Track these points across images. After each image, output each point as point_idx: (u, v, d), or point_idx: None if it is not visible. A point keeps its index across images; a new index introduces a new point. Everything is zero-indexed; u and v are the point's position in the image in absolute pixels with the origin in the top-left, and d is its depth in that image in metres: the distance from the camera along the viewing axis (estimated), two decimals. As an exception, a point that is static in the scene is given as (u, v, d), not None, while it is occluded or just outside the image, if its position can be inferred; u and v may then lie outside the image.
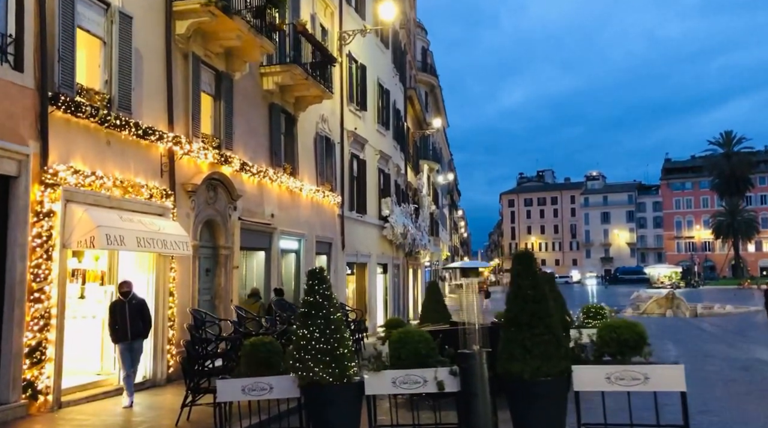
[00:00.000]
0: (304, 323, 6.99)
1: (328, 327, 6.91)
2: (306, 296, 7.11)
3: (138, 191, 10.56)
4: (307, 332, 6.90)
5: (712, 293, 52.82)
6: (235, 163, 13.82)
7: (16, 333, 8.18)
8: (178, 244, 10.72)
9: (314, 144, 18.75)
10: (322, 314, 6.95)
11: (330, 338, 6.86)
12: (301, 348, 6.89)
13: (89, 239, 8.89)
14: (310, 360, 6.79)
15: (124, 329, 9.08)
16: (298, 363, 6.88)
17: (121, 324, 9.07)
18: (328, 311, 6.99)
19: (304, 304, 7.08)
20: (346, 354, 6.92)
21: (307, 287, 7.18)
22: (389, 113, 27.22)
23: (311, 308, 6.99)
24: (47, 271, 8.61)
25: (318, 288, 7.07)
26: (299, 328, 7.01)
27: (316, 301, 7.00)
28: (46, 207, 8.64)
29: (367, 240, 23.79)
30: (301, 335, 6.94)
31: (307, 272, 7.28)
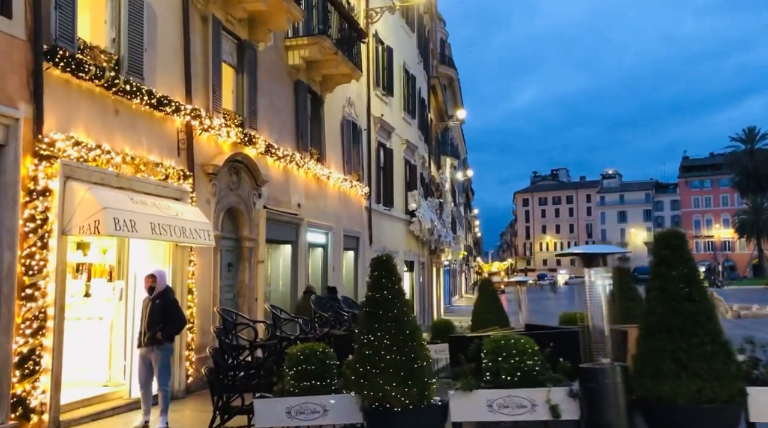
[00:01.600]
0: (368, 326, 5.37)
1: (402, 332, 5.28)
2: (370, 292, 5.49)
3: (152, 171, 8.98)
4: (373, 338, 5.28)
5: (739, 293, 50.61)
6: (260, 144, 12.22)
7: (3, 338, 6.61)
8: (199, 232, 9.13)
9: (341, 129, 17.15)
10: (392, 316, 5.32)
11: (404, 346, 5.24)
12: (366, 360, 5.28)
13: (93, 223, 7.31)
14: (379, 375, 5.18)
15: (140, 332, 7.51)
16: (362, 379, 5.27)
17: (141, 325, 7.55)
18: (400, 312, 5.36)
19: (368, 302, 5.47)
20: (425, 368, 5.30)
21: (370, 280, 5.56)
22: (415, 101, 25.59)
23: (378, 308, 5.37)
24: (42, 262, 7.04)
25: (386, 282, 5.45)
26: (362, 333, 5.39)
27: (383, 298, 5.39)
28: (40, 184, 7.06)
29: (394, 236, 22.17)
30: (365, 342, 5.32)
31: (372, 261, 5.66)
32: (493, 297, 11.30)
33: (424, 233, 24.51)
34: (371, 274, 5.55)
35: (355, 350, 5.43)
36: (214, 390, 6.29)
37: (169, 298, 7.62)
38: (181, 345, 9.44)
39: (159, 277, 7.67)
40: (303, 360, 5.53)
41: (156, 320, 7.37)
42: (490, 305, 11.07)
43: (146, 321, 7.50)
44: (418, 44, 27.22)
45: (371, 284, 5.50)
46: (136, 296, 8.68)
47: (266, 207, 12.49)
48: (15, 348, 6.75)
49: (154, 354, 7.49)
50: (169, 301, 7.57)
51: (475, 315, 11.19)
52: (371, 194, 19.25)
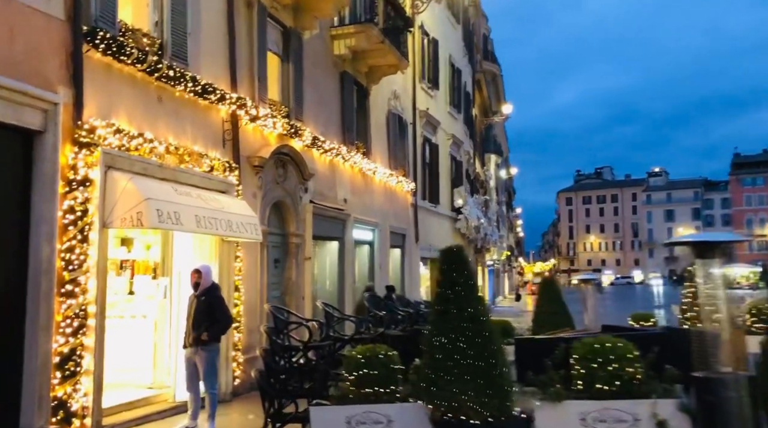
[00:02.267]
0: (439, 327, 4.73)
1: (478, 333, 4.62)
2: (440, 288, 4.85)
3: (196, 161, 8.53)
4: (445, 340, 4.64)
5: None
6: (306, 136, 11.71)
7: (42, 337, 6.19)
8: (246, 227, 8.63)
9: (386, 123, 16.56)
10: (467, 315, 4.67)
11: (482, 350, 4.58)
12: (437, 365, 4.63)
13: (136, 215, 6.86)
14: (452, 382, 4.53)
15: (186, 332, 7.06)
16: (433, 386, 4.63)
17: (186, 325, 7.10)
18: (476, 310, 4.71)
19: (439, 300, 4.83)
20: (505, 375, 4.63)
21: (440, 274, 4.93)
22: (461, 95, 24.83)
23: (450, 306, 4.72)
24: (83, 257, 6.61)
25: (458, 276, 4.80)
26: (433, 335, 4.75)
27: (456, 294, 4.74)
28: (80, 174, 6.64)
29: (440, 233, 21.46)
30: (436, 344, 4.68)
31: (441, 253, 5.02)
32: (557, 297, 10.50)
33: (470, 231, 23.74)
34: (440, 268, 4.92)
35: (424, 353, 4.80)
36: (265, 395, 5.73)
37: (215, 295, 7.12)
38: (227, 345, 8.96)
39: (204, 272, 7.18)
40: (364, 363, 4.92)
41: (201, 318, 6.88)
42: (553, 305, 10.27)
43: (191, 320, 7.04)
44: (463, 37, 26.46)
45: (441, 279, 4.86)
46: (181, 293, 8.23)
47: (313, 202, 11.97)
48: (55, 347, 6.33)
49: (200, 355, 7.00)
50: (214, 298, 7.07)
51: (538, 316, 10.40)
52: (417, 190, 18.60)
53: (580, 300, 11.42)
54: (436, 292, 4.87)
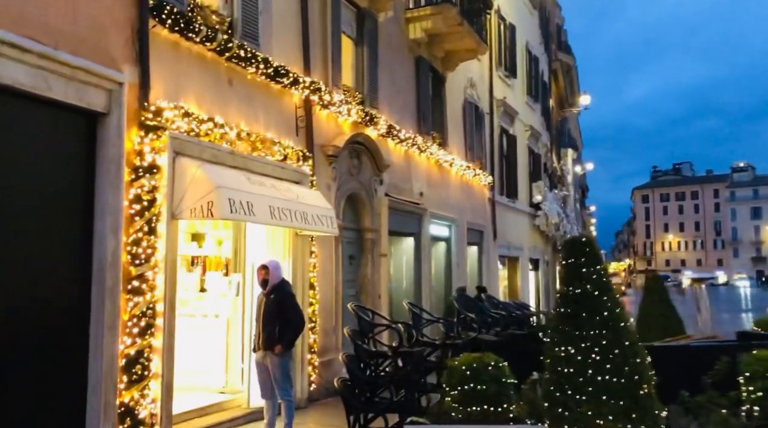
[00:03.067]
0: (565, 335, 3.84)
1: (617, 342, 3.71)
2: (566, 286, 3.96)
3: (269, 149, 7.92)
4: (574, 351, 3.75)
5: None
6: (381, 125, 10.98)
7: (108, 338, 5.68)
8: (322, 219, 7.96)
9: (462, 112, 15.64)
10: (601, 320, 3.76)
11: (622, 364, 3.66)
12: (564, 381, 3.75)
13: (206, 205, 6.27)
14: (585, 403, 3.63)
15: (255, 334, 6.46)
16: (559, 408, 3.74)
17: (255, 326, 6.53)
18: (613, 314, 3.79)
19: (564, 301, 3.94)
20: (653, 396, 3.69)
21: (564, 269, 4.04)
22: (538, 85, 23.56)
23: (578, 309, 3.83)
24: (150, 250, 6.08)
25: (587, 272, 3.89)
26: (557, 344, 3.87)
27: (586, 294, 3.84)
28: (147, 160, 6.11)
29: (518, 230, 20.33)
30: (562, 356, 3.79)
31: (565, 243, 4.14)
32: (664, 298, 9.35)
33: (549, 228, 22.46)
34: (565, 261, 4.02)
35: (547, 366, 3.92)
36: (349, 407, 4.99)
37: (286, 292, 6.48)
38: (302, 348, 8.32)
39: (272, 268, 6.52)
40: (470, 376, 4.09)
41: (271, 318, 6.26)
42: (661, 307, 9.14)
43: (261, 320, 6.39)
44: (540, 24, 25.15)
45: (566, 274, 3.97)
46: (255, 291, 7.64)
47: (388, 195, 11.23)
48: (121, 349, 5.81)
49: (271, 359, 6.35)
50: (285, 295, 6.43)
51: (642, 319, 9.29)
52: (494, 184, 17.57)
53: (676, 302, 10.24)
54: (560, 292, 3.97)
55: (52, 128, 5.48)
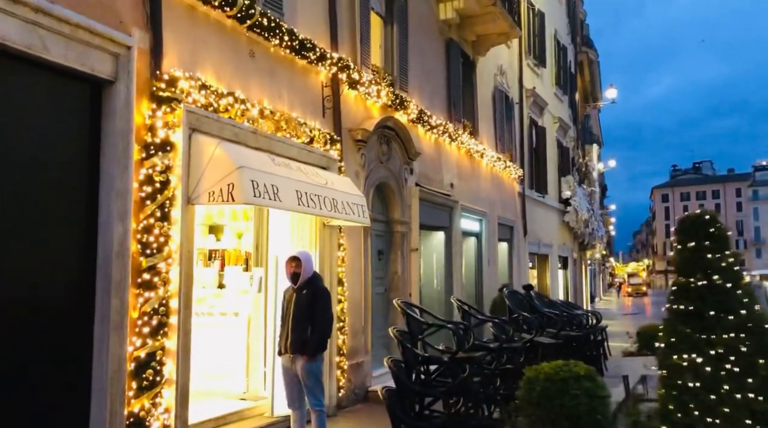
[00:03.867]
0: (686, 338, 3.01)
1: (761, 348, 2.87)
2: (683, 277, 3.13)
3: (294, 130, 7.15)
4: (702, 359, 2.92)
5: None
6: (411, 109, 10.18)
7: (115, 338, 4.93)
8: (353, 208, 7.18)
9: (492, 101, 14.79)
10: (736, 321, 2.93)
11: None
12: (688, 397, 2.92)
13: (227, 188, 5.51)
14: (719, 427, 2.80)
15: (282, 335, 5.71)
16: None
17: (282, 325, 5.75)
18: (751, 313, 2.96)
19: (680, 295, 3.12)
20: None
21: (680, 255, 3.22)
22: (566, 75, 22.64)
23: (703, 305, 3.00)
24: (163, 239, 5.33)
25: (714, 258, 3.07)
26: (673, 350, 3.05)
27: (713, 287, 3.01)
28: (159, 136, 5.36)
29: (548, 227, 19.43)
30: (684, 366, 2.97)
31: (681, 221, 3.31)
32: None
33: (579, 225, 21.52)
34: (680, 245, 3.20)
35: (661, 380, 3.10)
36: (396, 421, 4.19)
37: (319, 287, 5.73)
38: (330, 350, 7.54)
39: (304, 260, 5.73)
40: (556, 390, 3.27)
41: (303, 317, 5.51)
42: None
43: (290, 319, 5.62)
44: (567, 13, 24.22)
45: (683, 262, 3.15)
46: (279, 286, 6.87)
47: (419, 185, 10.42)
48: (130, 351, 5.07)
49: (301, 363, 5.57)
50: (318, 290, 5.68)
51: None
52: (524, 177, 16.71)
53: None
54: (675, 283, 3.15)
55: (49, 96, 4.75)
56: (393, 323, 9.72)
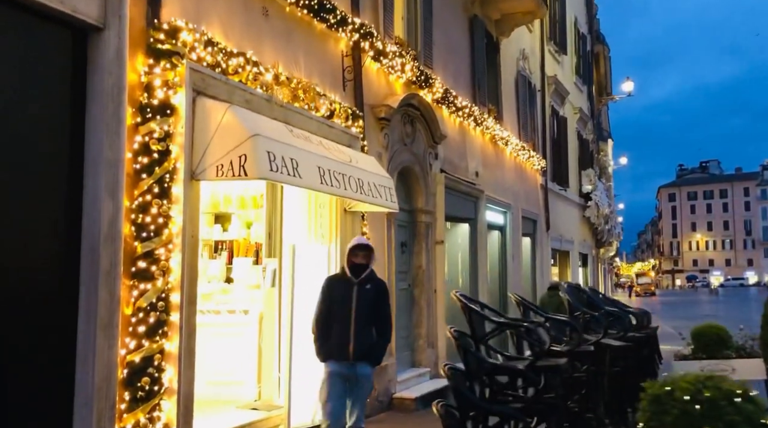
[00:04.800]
0: None
1: None
2: None
3: (313, 101, 6.26)
4: None
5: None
6: (437, 88, 9.28)
7: (103, 339, 4.04)
8: (380, 190, 6.29)
9: (515, 86, 13.88)
10: None
11: None
12: None
13: (238, 160, 4.61)
14: None
15: (341, 336, 4.67)
16: None
17: (340, 325, 4.69)
18: None
19: None
20: None
21: None
22: (586, 65, 21.71)
23: None
24: (162, 220, 4.43)
25: None
26: None
27: None
28: (157, 96, 4.47)
29: (569, 222, 18.51)
30: None
31: None
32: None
33: (599, 221, 20.58)
34: None
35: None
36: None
37: (381, 281, 4.96)
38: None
39: (370, 248, 4.91)
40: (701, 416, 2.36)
41: (371, 317, 4.64)
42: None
43: (353, 319, 4.65)
44: (585, 2, 23.28)
45: None
46: (297, 280, 5.97)
47: (444, 172, 9.52)
48: (123, 355, 4.18)
49: (364, 372, 4.67)
50: (381, 286, 4.91)
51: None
52: (547, 169, 15.80)
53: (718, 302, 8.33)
54: None
55: (22, 42, 3.86)
56: (418, 322, 8.84)
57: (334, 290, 4.78)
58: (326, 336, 4.71)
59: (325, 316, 4.72)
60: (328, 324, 4.70)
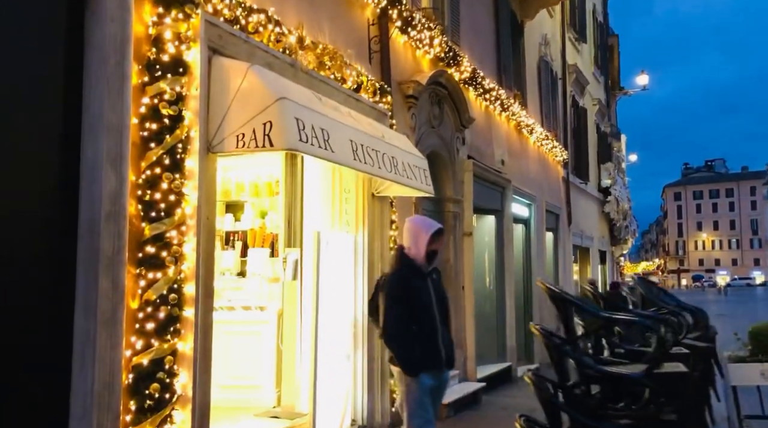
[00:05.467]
0: None
1: None
2: None
3: (340, 70, 5.57)
4: None
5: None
6: (465, 67, 8.60)
7: (105, 338, 3.36)
8: (415, 171, 5.61)
9: (538, 72, 13.20)
10: None
11: None
12: None
13: (262, 128, 3.91)
14: None
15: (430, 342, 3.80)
16: None
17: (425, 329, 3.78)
18: None
19: None
20: None
21: None
22: (604, 55, 21.01)
23: None
24: (174, 198, 3.75)
25: None
26: None
27: None
28: (168, 51, 3.78)
29: (588, 217, 17.81)
30: None
31: None
32: None
33: (619, 217, 19.87)
34: None
35: None
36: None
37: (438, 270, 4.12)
38: (381, 354, 5.98)
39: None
40: None
41: (444, 312, 3.88)
42: None
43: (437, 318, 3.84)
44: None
45: None
46: (322, 272, 5.28)
47: (472, 158, 8.84)
48: (128, 356, 3.50)
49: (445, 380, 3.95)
50: (439, 275, 4.11)
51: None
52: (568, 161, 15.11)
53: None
54: None
55: (6, -24, 3.19)
56: (445, 320, 8.15)
57: (413, 286, 3.82)
58: (414, 344, 3.75)
59: (406, 320, 3.76)
60: (411, 329, 3.76)
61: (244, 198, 7.19)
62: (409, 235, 3.91)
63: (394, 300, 3.76)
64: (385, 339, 3.84)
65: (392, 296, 3.78)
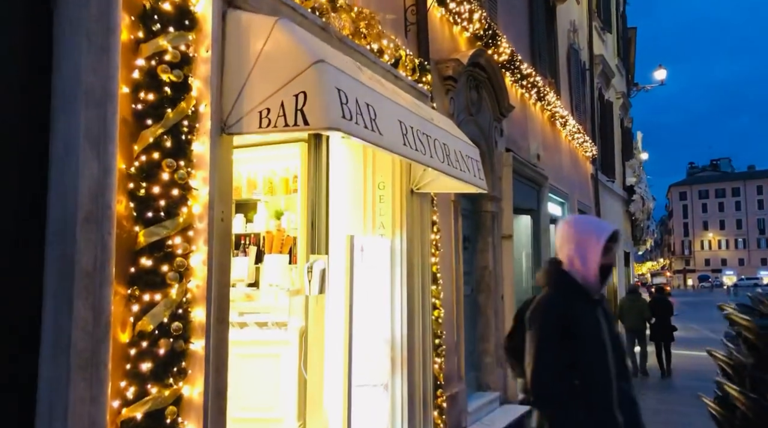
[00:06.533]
0: None
1: None
2: None
3: (377, 41, 4.63)
4: None
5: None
6: (503, 48, 7.64)
7: (81, 386, 2.41)
8: (468, 163, 4.65)
9: (567, 61, 12.23)
10: None
11: None
12: None
13: (293, 102, 2.95)
14: None
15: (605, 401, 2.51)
16: None
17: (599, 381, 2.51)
18: None
19: None
20: None
21: None
22: (625, 48, 20.03)
23: None
24: (178, 192, 2.80)
25: None
26: None
27: None
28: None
29: (613, 216, 16.80)
30: None
31: None
32: None
33: (643, 216, 18.90)
34: None
35: None
36: None
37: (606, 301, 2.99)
38: (422, 378, 5.02)
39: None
40: None
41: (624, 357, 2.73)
42: None
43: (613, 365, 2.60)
44: (622, -20, 21.60)
45: None
46: (356, 283, 4.34)
47: (510, 151, 7.89)
48: (116, 408, 2.55)
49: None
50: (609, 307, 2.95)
51: None
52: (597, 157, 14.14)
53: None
54: None
55: None
56: (484, 336, 7.20)
57: (579, 320, 2.59)
58: (578, 409, 2.47)
59: (567, 371, 2.50)
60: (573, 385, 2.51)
61: (256, 196, 6.24)
62: (571, 243, 2.64)
63: (549, 341, 2.52)
64: (533, 398, 2.59)
65: (546, 335, 2.54)
